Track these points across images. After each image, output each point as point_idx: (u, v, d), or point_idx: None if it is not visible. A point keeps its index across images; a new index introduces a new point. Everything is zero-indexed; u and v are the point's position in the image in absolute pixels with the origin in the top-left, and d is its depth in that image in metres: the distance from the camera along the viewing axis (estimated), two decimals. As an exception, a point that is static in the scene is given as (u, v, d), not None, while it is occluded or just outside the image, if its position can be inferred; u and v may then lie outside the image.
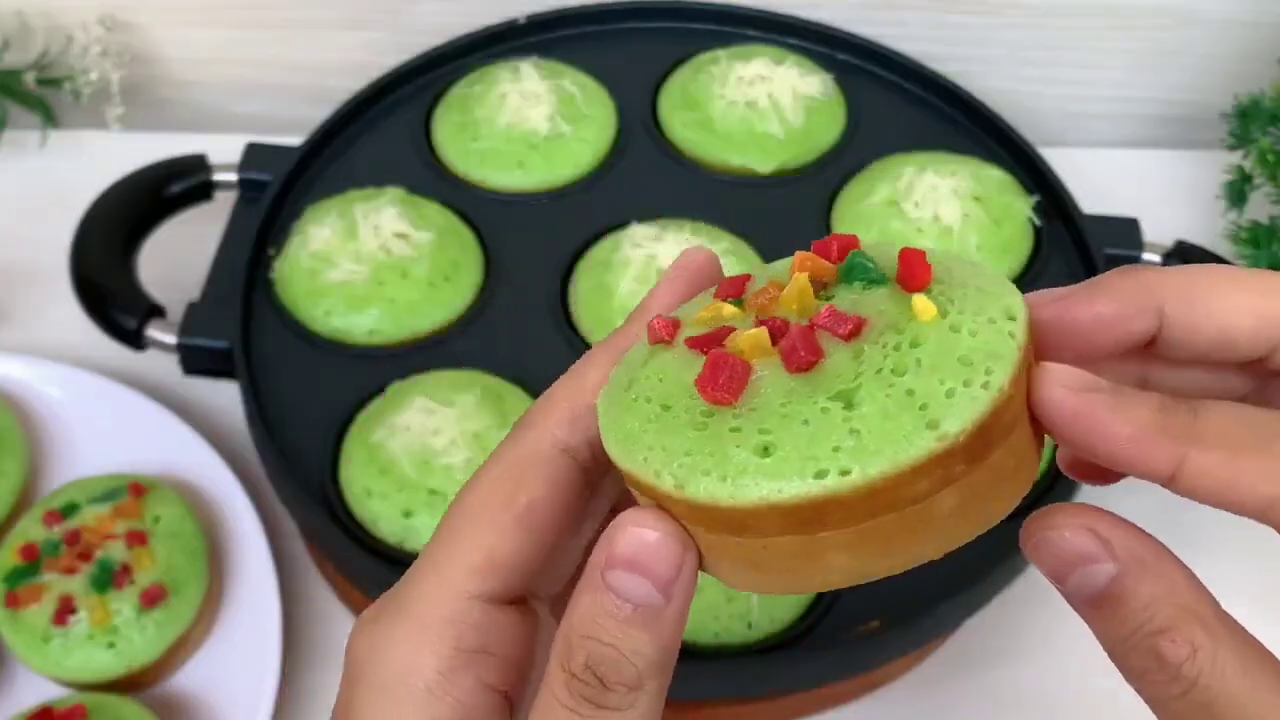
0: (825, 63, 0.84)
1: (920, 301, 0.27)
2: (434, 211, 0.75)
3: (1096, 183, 0.85)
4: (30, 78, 0.90)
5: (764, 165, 0.79)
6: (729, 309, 0.29)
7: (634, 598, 0.27)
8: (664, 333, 0.29)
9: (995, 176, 0.76)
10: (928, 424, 0.26)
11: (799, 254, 0.30)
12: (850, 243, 0.30)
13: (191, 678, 0.66)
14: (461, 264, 0.73)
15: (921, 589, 0.60)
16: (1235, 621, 0.27)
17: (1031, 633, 0.70)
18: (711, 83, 0.81)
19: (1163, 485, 0.28)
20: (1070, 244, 0.76)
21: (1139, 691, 0.27)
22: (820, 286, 0.29)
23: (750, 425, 0.27)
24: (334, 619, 0.70)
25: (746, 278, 0.30)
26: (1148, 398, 0.27)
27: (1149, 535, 0.28)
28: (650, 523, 0.27)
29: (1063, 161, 0.80)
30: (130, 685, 0.64)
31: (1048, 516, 0.28)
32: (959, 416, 0.26)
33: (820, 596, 0.62)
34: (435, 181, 0.78)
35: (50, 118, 0.91)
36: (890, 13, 0.91)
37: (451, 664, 0.29)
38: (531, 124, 0.78)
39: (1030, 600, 0.70)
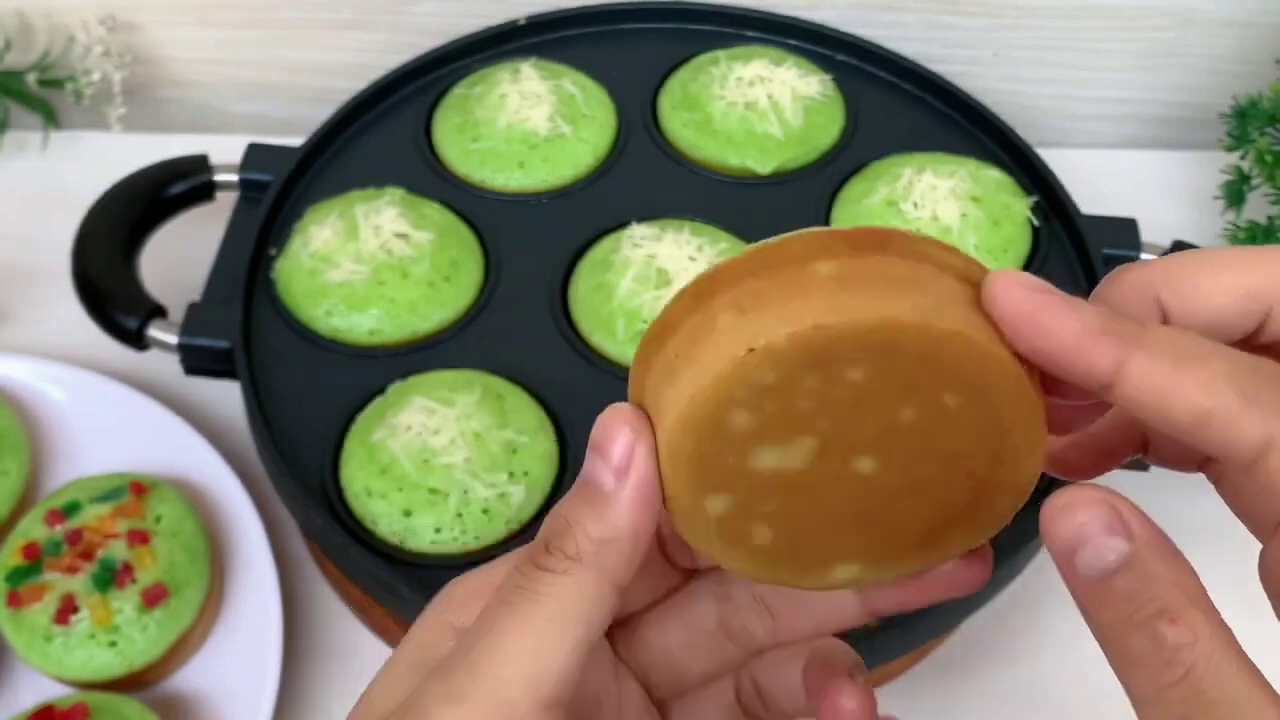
0: (824, 64, 0.85)
1: None
2: (434, 211, 0.75)
3: (1095, 183, 0.85)
4: (32, 78, 0.90)
5: (763, 166, 0.79)
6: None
7: (592, 478, 0.30)
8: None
9: (994, 177, 0.77)
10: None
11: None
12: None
13: (192, 677, 0.66)
14: (461, 264, 0.73)
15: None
16: (1228, 625, 0.27)
17: (1031, 632, 0.70)
18: (711, 83, 0.81)
19: (1104, 395, 0.28)
20: (1069, 244, 0.76)
21: (1129, 684, 0.27)
22: None
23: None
24: (335, 618, 0.71)
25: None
26: (1098, 307, 0.28)
27: (1158, 528, 0.28)
28: (616, 408, 0.30)
29: (1061, 162, 0.80)
30: (131, 684, 0.64)
31: (1072, 491, 0.28)
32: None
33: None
34: (435, 182, 0.78)
35: (52, 118, 0.91)
36: (889, 14, 0.91)
37: (479, 591, 0.33)
38: (532, 124, 0.78)
39: (1030, 600, 0.70)
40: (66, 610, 0.62)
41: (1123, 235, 0.77)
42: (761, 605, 0.35)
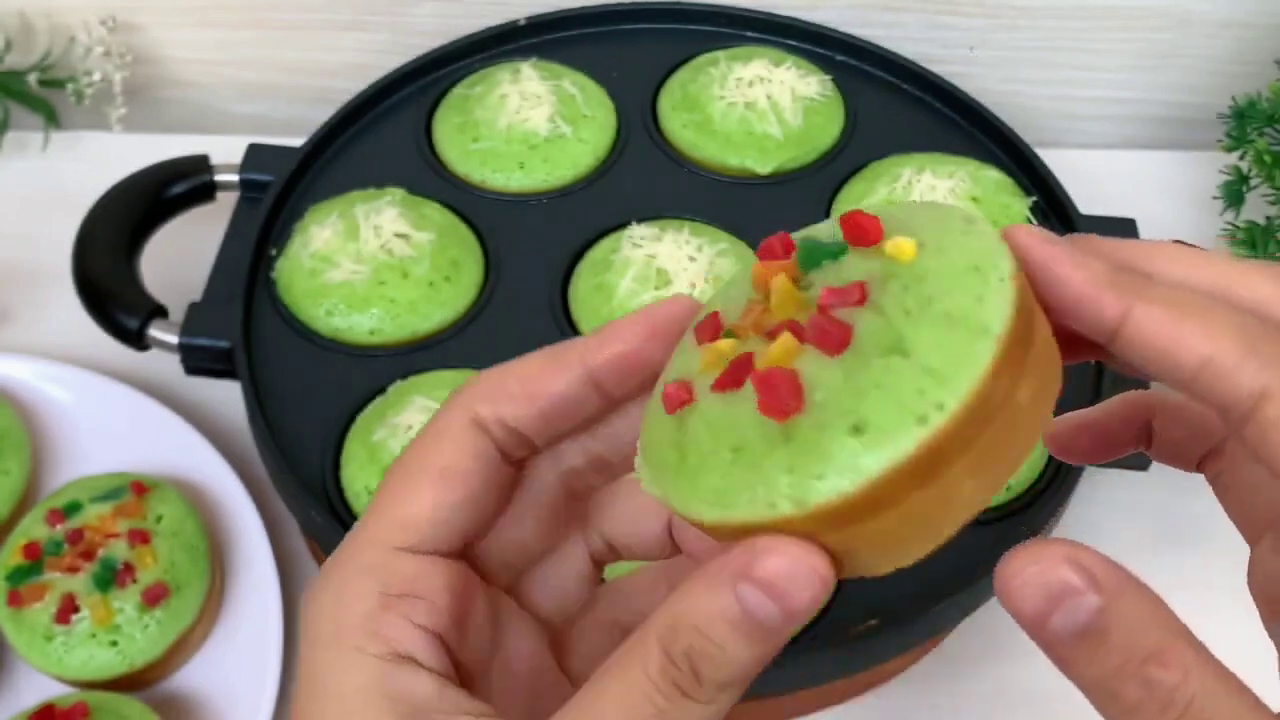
0: (824, 64, 0.85)
1: (893, 245, 0.28)
2: (434, 211, 0.75)
3: (1094, 183, 0.85)
4: (33, 78, 0.90)
5: (763, 166, 0.79)
6: (726, 344, 0.30)
7: (759, 617, 0.27)
8: (682, 395, 0.29)
9: (993, 177, 0.77)
10: (979, 331, 0.27)
11: (754, 267, 0.30)
12: (783, 238, 0.31)
13: (193, 676, 0.67)
14: (462, 264, 0.73)
15: (920, 588, 0.60)
16: (1207, 648, 0.27)
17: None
18: (711, 84, 0.81)
19: (1107, 345, 0.28)
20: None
21: None
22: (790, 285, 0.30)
23: (832, 416, 0.27)
24: (335, 617, 0.71)
25: (714, 314, 0.31)
26: (1106, 261, 0.29)
27: (1120, 565, 0.28)
28: (800, 554, 0.27)
29: (1060, 162, 0.80)
30: (132, 684, 0.64)
31: (1020, 556, 0.27)
32: (998, 312, 0.27)
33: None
34: (436, 182, 0.78)
35: (53, 118, 0.91)
36: (889, 14, 0.91)
37: (379, 606, 0.31)
38: (532, 125, 0.78)
39: (1028, 599, 0.70)
40: (67, 610, 0.62)
41: (1122, 235, 0.76)
42: (598, 462, 0.35)
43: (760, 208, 0.77)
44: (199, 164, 0.79)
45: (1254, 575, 0.33)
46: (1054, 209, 0.77)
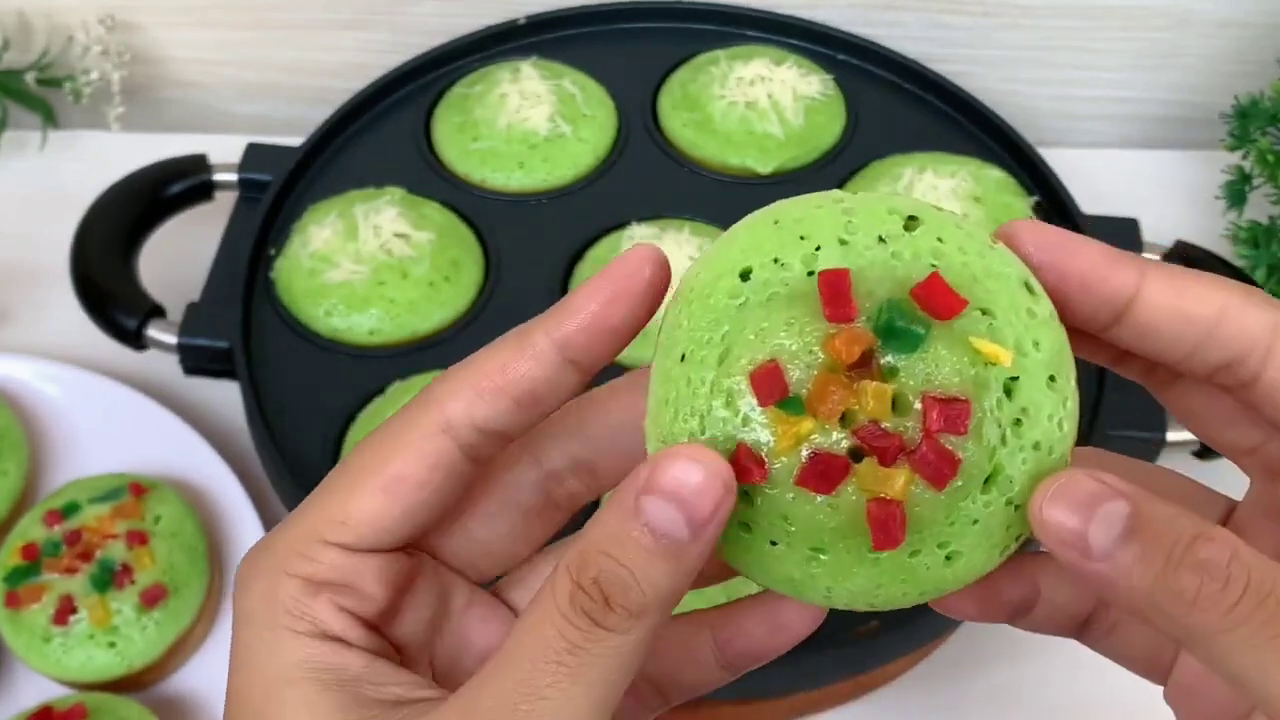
0: (825, 63, 0.84)
1: (988, 348, 0.28)
2: (434, 211, 0.75)
3: (1096, 183, 0.85)
4: (31, 78, 0.90)
5: (764, 165, 0.79)
6: (805, 426, 0.28)
7: (663, 528, 0.27)
8: (752, 471, 0.28)
9: (994, 176, 0.76)
10: (1060, 462, 0.28)
11: (834, 342, 0.28)
12: (843, 287, 0.28)
13: (192, 677, 0.66)
14: (461, 264, 0.73)
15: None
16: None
17: (1029, 634, 0.70)
18: (711, 83, 0.81)
19: (1115, 323, 0.29)
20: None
21: (1199, 636, 0.26)
22: (865, 359, 0.28)
23: (927, 544, 0.28)
24: (334, 619, 0.70)
25: (777, 369, 0.28)
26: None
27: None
28: (700, 457, 0.27)
29: (1062, 162, 0.80)
30: (130, 685, 0.64)
31: (1043, 489, 0.28)
32: (1071, 438, 0.29)
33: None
34: (435, 181, 0.78)
35: (51, 118, 0.91)
36: (890, 13, 0.91)
37: (306, 591, 0.31)
38: (531, 124, 0.78)
39: (1029, 600, 0.70)
40: (65, 611, 0.62)
41: (1124, 235, 0.76)
42: (582, 465, 0.34)
43: (761, 208, 0.77)
44: (197, 163, 0.78)
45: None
46: (1056, 208, 0.77)
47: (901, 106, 0.84)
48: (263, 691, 0.31)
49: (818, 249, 0.29)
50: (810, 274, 0.29)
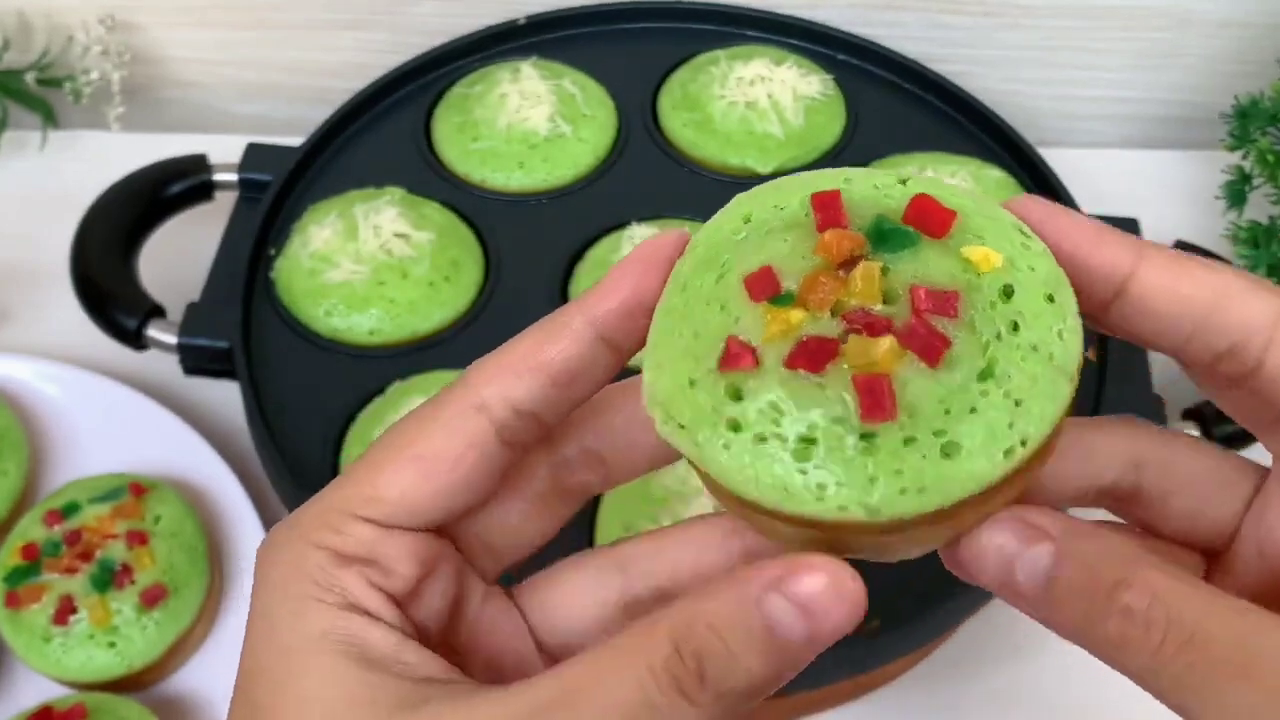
0: (825, 63, 0.84)
1: (980, 254, 0.28)
2: (434, 211, 0.75)
3: (1096, 183, 0.85)
4: (31, 78, 0.90)
5: (764, 165, 0.79)
6: (795, 315, 0.28)
7: (783, 632, 0.27)
8: (744, 358, 0.28)
9: (994, 177, 0.76)
10: (1061, 371, 0.28)
11: (824, 237, 0.29)
12: (835, 199, 0.30)
13: (192, 677, 0.66)
14: (461, 264, 0.73)
15: (922, 589, 0.60)
16: (1175, 569, 0.27)
17: (1031, 633, 0.70)
18: (711, 83, 0.81)
19: (1115, 292, 0.29)
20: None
21: (1127, 670, 0.27)
22: (852, 258, 0.29)
23: (921, 431, 0.27)
24: (334, 619, 0.70)
25: (769, 271, 0.29)
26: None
27: (1069, 515, 0.28)
28: (838, 574, 0.27)
29: (1062, 162, 0.80)
30: (130, 685, 0.64)
31: (972, 534, 0.28)
32: (1074, 354, 0.28)
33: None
34: (435, 181, 0.78)
35: (51, 117, 0.91)
36: (890, 13, 0.91)
37: (335, 562, 0.30)
38: (531, 124, 0.78)
39: (1030, 600, 0.70)
40: (65, 611, 0.62)
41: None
42: (592, 455, 0.34)
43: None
44: (197, 163, 0.78)
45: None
46: (1056, 208, 0.77)
47: (901, 106, 0.84)
48: (284, 662, 0.30)
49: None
50: (807, 214, 0.30)
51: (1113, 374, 0.69)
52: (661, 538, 0.34)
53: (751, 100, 0.80)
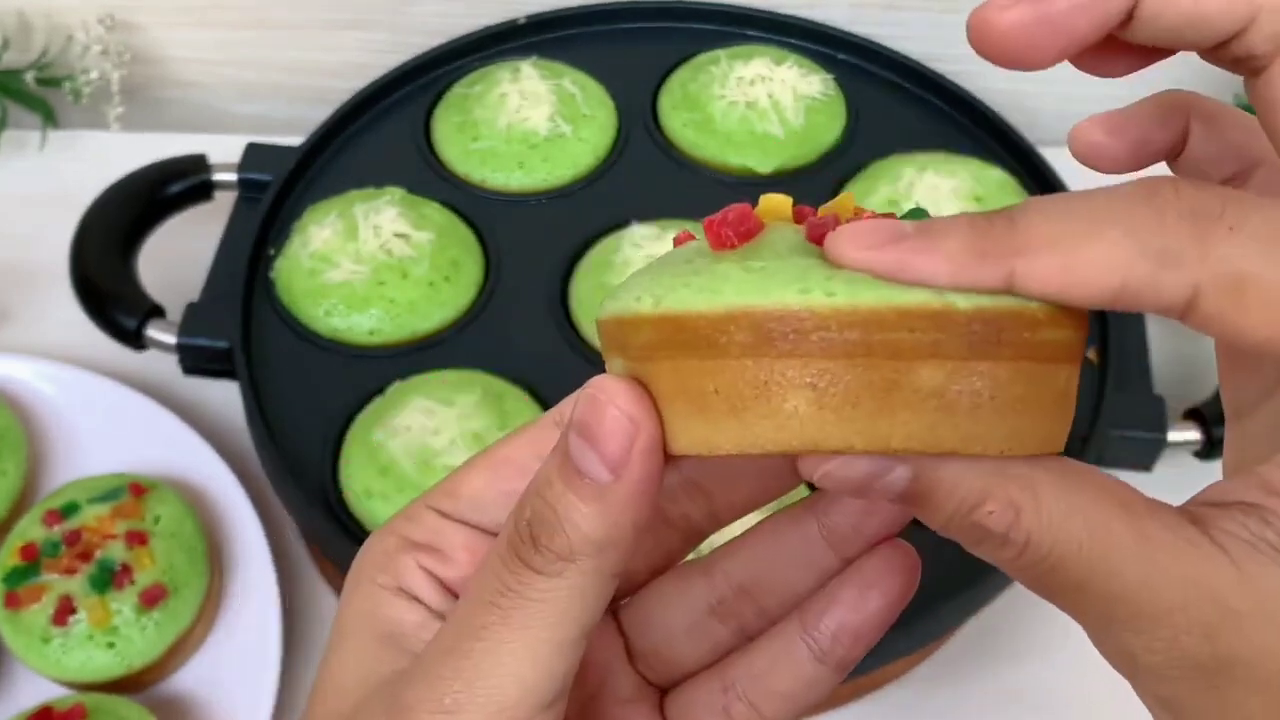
0: (825, 63, 0.84)
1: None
2: (434, 211, 0.75)
3: (1097, 183, 0.84)
4: (30, 77, 0.90)
5: (764, 165, 0.79)
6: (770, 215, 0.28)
7: (585, 469, 0.26)
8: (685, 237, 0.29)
9: (995, 176, 0.76)
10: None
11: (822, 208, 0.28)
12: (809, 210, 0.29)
13: (191, 678, 0.66)
14: (461, 264, 0.73)
15: (922, 589, 0.60)
16: (1057, 467, 0.26)
17: (1031, 633, 0.70)
18: (711, 83, 0.81)
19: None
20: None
21: (984, 558, 0.26)
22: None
23: (745, 258, 0.26)
24: (333, 618, 0.70)
25: (746, 208, 0.28)
26: (955, 223, 0.25)
27: None
28: (611, 390, 0.26)
29: (1063, 162, 0.80)
30: (130, 685, 0.64)
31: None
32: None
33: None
34: (435, 181, 0.78)
35: (50, 117, 0.91)
36: (891, 13, 0.91)
37: (398, 547, 0.31)
38: (531, 124, 0.78)
39: (1031, 600, 0.70)
40: (64, 611, 0.62)
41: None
42: (693, 486, 0.33)
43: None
44: (197, 163, 0.78)
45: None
46: (1056, 208, 0.77)
47: (902, 106, 0.84)
48: (334, 637, 0.32)
49: None
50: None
51: (1113, 374, 0.69)
52: (742, 539, 0.34)
53: (752, 100, 0.79)
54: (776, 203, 0.28)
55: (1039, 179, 0.78)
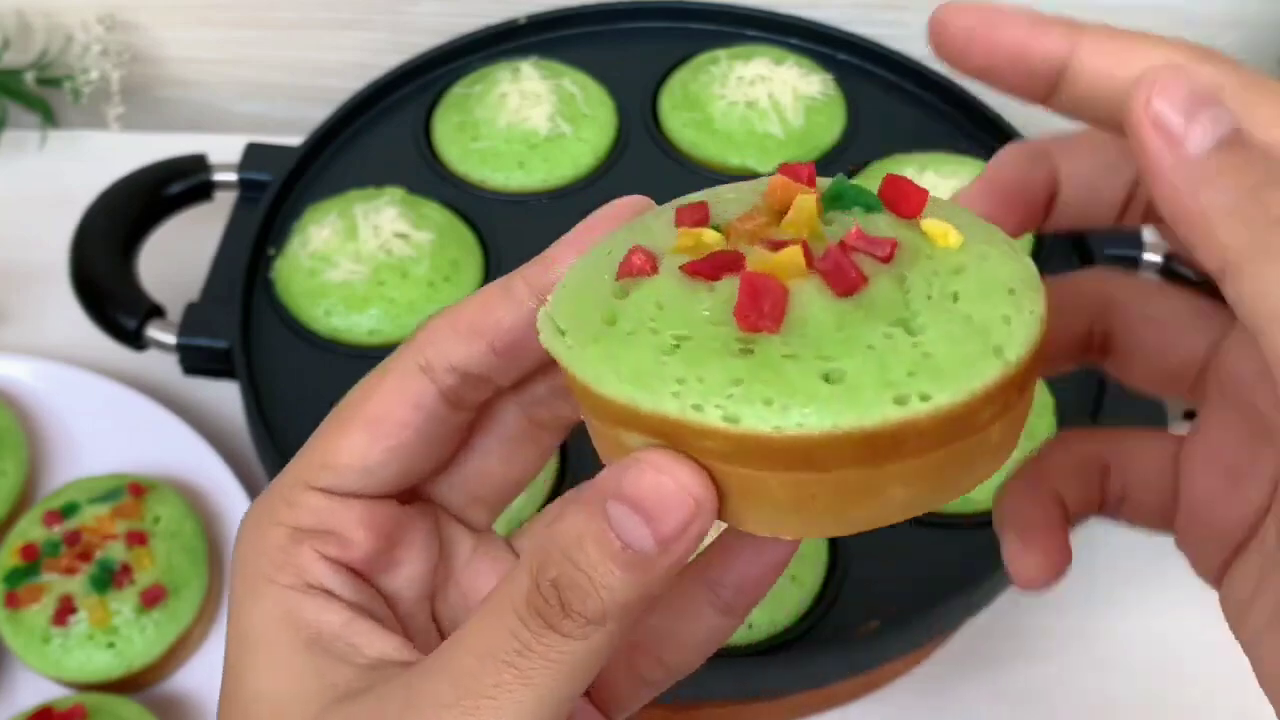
0: (825, 63, 0.84)
1: (937, 227, 0.27)
2: (434, 211, 0.75)
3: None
4: (30, 77, 0.90)
5: (764, 165, 0.78)
6: (710, 235, 0.27)
7: (628, 539, 0.25)
8: (643, 265, 0.27)
9: (995, 177, 0.76)
10: (994, 350, 0.25)
11: (773, 179, 0.28)
12: (809, 169, 0.28)
13: (191, 678, 0.66)
14: (461, 264, 0.73)
15: (922, 589, 0.60)
16: None
17: (1031, 633, 0.70)
18: (711, 83, 0.81)
19: (1053, 81, 0.28)
20: (1070, 244, 0.76)
21: (1239, 256, 0.25)
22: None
23: (806, 352, 0.24)
24: (334, 619, 0.70)
25: (703, 204, 0.28)
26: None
27: None
28: (674, 470, 0.25)
29: (1063, 162, 0.80)
30: (130, 685, 0.64)
31: (1147, 79, 0.26)
32: (1019, 343, 0.26)
33: (821, 596, 0.62)
34: (435, 181, 0.78)
35: (50, 117, 0.91)
36: (891, 12, 0.91)
37: (290, 539, 0.30)
38: (532, 124, 0.78)
39: (1030, 600, 0.70)
40: (64, 611, 0.62)
41: (1124, 235, 0.76)
42: (562, 389, 0.33)
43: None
44: (196, 163, 0.78)
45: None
46: (1056, 208, 0.77)
47: (902, 106, 0.84)
48: (240, 651, 0.30)
49: None
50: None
51: (1112, 380, 0.69)
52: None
53: (752, 100, 0.79)
54: (788, 261, 0.26)
55: (1039, 179, 0.78)
